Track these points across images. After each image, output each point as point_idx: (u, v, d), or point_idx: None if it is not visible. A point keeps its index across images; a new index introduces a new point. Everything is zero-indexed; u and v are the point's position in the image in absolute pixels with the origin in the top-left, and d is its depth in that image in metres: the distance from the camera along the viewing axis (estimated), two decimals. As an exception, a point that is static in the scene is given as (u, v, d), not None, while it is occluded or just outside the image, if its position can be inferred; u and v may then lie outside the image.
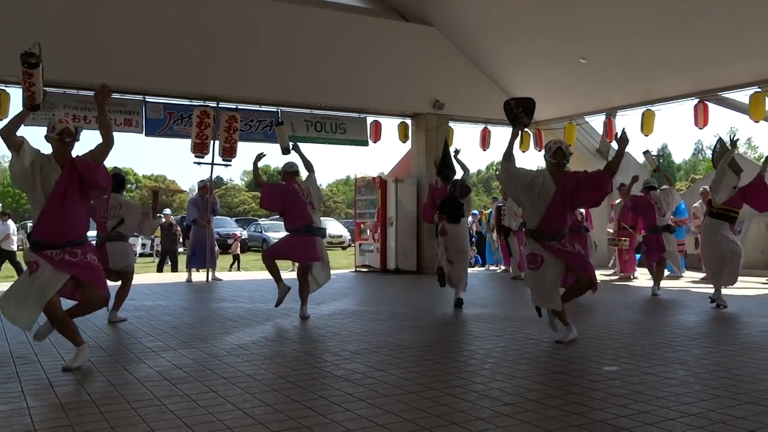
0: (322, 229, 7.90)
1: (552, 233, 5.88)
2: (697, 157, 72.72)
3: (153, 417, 3.82)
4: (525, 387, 4.53)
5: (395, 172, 15.51)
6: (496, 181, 6.45)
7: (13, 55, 5.40)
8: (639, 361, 5.28)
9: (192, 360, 5.39)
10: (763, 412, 3.86)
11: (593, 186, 5.86)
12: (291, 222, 7.70)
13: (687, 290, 10.72)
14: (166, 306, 8.83)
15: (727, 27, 10.60)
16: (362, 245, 15.35)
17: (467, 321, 7.62)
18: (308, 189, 7.77)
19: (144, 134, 12.48)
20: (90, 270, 4.99)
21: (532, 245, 5.98)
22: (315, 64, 13.14)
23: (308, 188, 7.78)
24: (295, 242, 7.68)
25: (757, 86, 11.29)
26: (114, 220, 7.35)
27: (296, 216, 7.63)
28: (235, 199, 61.55)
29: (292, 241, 7.74)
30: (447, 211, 8.49)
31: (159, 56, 11.78)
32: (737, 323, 7.43)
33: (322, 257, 7.77)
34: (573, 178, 5.91)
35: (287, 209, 7.67)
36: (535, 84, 14.77)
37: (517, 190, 6.01)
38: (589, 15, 11.77)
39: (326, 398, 4.23)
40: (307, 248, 7.63)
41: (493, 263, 16.01)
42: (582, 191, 5.85)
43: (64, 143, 4.93)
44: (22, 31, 9.89)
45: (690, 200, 14.02)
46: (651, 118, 13.03)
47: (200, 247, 12.33)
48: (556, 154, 5.88)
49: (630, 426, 3.62)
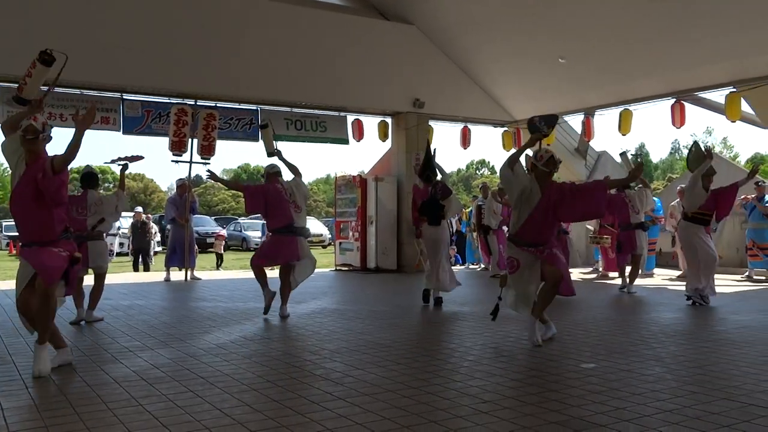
0: (305, 229, 7.96)
1: (530, 240, 5.84)
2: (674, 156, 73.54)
3: (130, 417, 3.78)
4: (503, 384, 4.56)
5: (375, 170, 15.51)
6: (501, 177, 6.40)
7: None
8: (616, 358, 5.33)
9: (170, 360, 5.35)
10: (737, 407, 3.91)
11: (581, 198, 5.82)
12: (273, 222, 7.74)
13: (663, 288, 10.84)
14: (144, 305, 8.76)
15: (704, 28, 10.74)
16: (342, 244, 15.34)
17: (446, 319, 7.65)
18: (291, 189, 7.78)
19: (121, 132, 12.36)
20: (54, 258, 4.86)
21: (512, 249, 5.99)
22: (295, 62, 13.10)
23: (291, 188, 7.79)
24: (278, 246, 7.75)
25: (733, 86, 11.45)
26: (94, 218, 7.27)
27: (279, 216, 7.67)
28: (215, 197, 61.12)
29: (275, 244, 7.80)
30: (427, 212, 8.48)
31: (137, 53, 11.65)
32: (712, 320, 7.53)
33: (305, 256, 7.79)
34: (559, 190, 5.88)
35: (270, 209, 7.70)
36: (515, 83, 14.88)
37: (516, 192, 5.92)
38: (567, 15, 11.85)
39: (305, 397, 4.22)
40: (290, 249, 7.69)
41: (473, 262, 16.08)
42: (566, 204, 5.82)
43: (26, 141, 4.85)
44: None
45: (667, 199, 14.19)
46: (628, 117, 13.16)
47: (179, 246, 12.25)
48: (549, 163, 5.82)
49: (607, 422, 3.65)
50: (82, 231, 7.19)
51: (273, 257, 7.95)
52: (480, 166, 77.47)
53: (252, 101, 13.45)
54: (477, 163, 77.59)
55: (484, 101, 15.45)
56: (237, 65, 12.60)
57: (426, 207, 8.49)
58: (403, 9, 14.15)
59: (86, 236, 7.21)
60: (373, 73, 14.02)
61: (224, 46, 12.48)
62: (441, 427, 3.61)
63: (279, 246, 7.72)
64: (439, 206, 8.43)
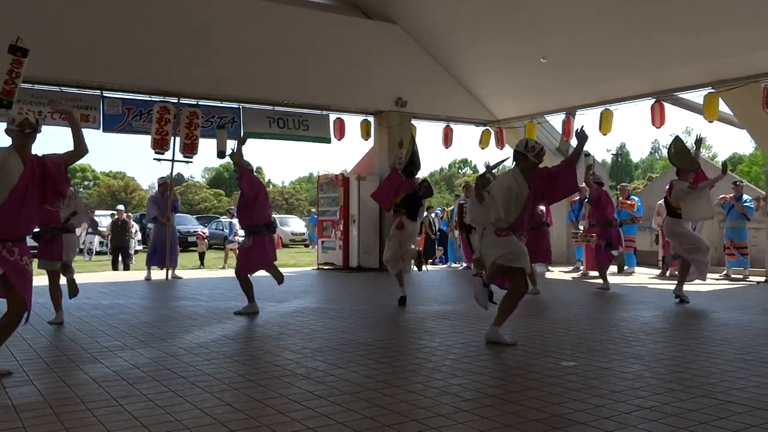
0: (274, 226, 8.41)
1: (518, 229, 5.95)
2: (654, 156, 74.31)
3: (109, 418, 3.75)
4: (485, 383, 4.58)
5: (358, 169, 15.50)
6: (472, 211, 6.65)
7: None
8: (596, 356, 5.38)
9: (150, 359, 5.31)
10: (715, 404, 3.96)
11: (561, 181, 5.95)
12: (257, 216, 7.90)
13: (643, 286, 10.94)
14: (124, 305, 8.69)
15: (682, 29, 10.85)
16: (325, 243, 15.31)
17: (428, 318, 7.66)
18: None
19: (102, 130, 12.24)
20: (21, 274, 4.73)
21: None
22: (278, 60, 13.05)
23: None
24: (261, 250, 7.91)
25: (711, 87, 11.57)
26: (67, 210, 7.20)
27: (264, 210, 7.93)
28: (197, 196, 60.81)
29: (259, 252, 7.92)
30: (407, 206, 8.53)
31: (118, 50, 11.55)
32: (691, 318, 7.61)
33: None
34: (540, 178, 5.95)
35: (257, 203, 7.89)
36: (497, 82, 14.94)
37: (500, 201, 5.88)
38: (549, 15, 11.93)
39: (287, 396, 4.21)
40: (272, 251, 8.08)
41: (455, 260, 16.12)
42: (551, 188, 5.96)
43: (24, 135, 4.78)
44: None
45: (647, 198, 14.33)
46: (609, 117, 13.27)
47: (161, 245, 12.16)
48: (540, 155, 5.90)
49: (586, 420, 3.68)
50: (57, 223, 7.12)
51: (265, 262, 8.08)
52: (462, 165, 77.75)
53: (234, 99, 13.38)
54: (459, 162, 77.88)
55: (466, 100, 15.49)
56: (219, 63, 12.52)
57: (408, 201, 8.53)
58: (386, 8, 14.15)
59: (60, 228, 7.14)
60: (356, 72, 14.01)
61: (206, 43, 12.39)
62: (422, 425, 3.62)
63: (266, 248, 7.98)
64: (419, 203, 8.52)
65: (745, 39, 10.38)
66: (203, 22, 12.40)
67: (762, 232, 12.43)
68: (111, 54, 11.48)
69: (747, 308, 8.29)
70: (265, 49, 12.93)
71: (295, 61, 13.22)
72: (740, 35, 10.36)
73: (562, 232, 15.55)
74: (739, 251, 12.04)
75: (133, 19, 11.75)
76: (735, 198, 12.03)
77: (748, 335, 6.36)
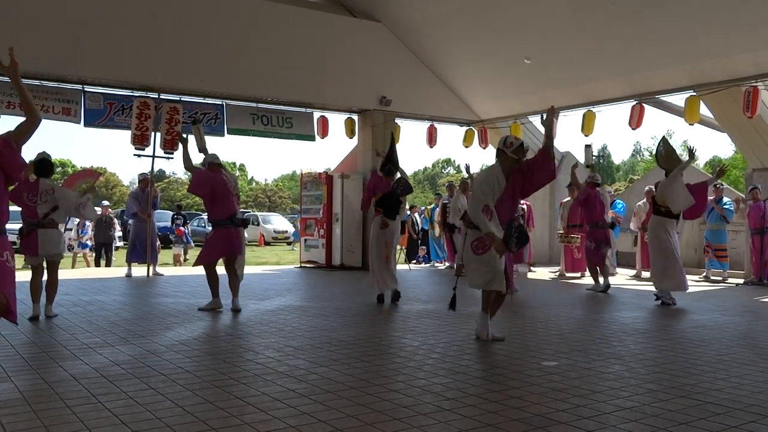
0: (245, 220, 8.37)
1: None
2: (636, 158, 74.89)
3: (89, 415, 3.71)
4: (466, 382, 4.59)
5: (341, 167, 15.47)
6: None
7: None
8: (577, 356, 5.41)
9: (130, 356, 5.27)
10: (694, 405, 4.00)
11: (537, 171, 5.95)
12: (218, 212, 7.89)
13: (623, 287, 11.02)
14: (105, 301, 8.61)
15: (664, 32, 10.94)
16: (308, 241, 15.28)
17: (411, 316, 7.67)
18: (233, 181, 8.10)
19: (83, 124, 12.11)
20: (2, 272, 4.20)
21: (476, 233, 5.92)
22: (261, 56, 12.99)
23: (234, 180, 8.13)
24: (229, 238, 7.90)
25: (692, 90, 11.68)
26: (46, 206, 7.11)
27: (224, 205, 7.85)
28: (178, 193, 60.36)
29: (226, 236, 7.91)
30: (386, 206, 8.52)
31: (99, 45, 11.42)
32: (671, 319, 7.68)
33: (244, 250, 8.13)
34: (520, 172, 5.94)
35: (217, 197, 7.83)
36: (481, 82, 14.98)
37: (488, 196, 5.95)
38: (533, 16, 11.97)
39: (268, 394, 4.19)
40: (239, 240, 7.97)
41: (438, 259, 16.15)
42: (528, 180, 5.95)
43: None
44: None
45: (629, 200, 14.43)
46: (591, 118, 13.34)
47: (141, 242, 12.07)
48: (518, 150, 5.87)
49: (567, 420, 3.70)
50: (33, 218, 7.05)
51: (227, 250, 8.00)
52: (446, 164, 77.94)
53: (217, 95, 13.30)
54: (443, 161, 78.05)
55: (450, 100, 15.51)
56: (202, 59, 12.43)
57: (386, 200, 8.52)
58: (371, 6, 14.13)
59: (36, 224, 7.06)
60: (340, 70, 13.97)
61: (189, 39, 12.30)
62: (404, 424, 3.62)
63: (230, 238, 7.91)
64: (398, 202, 8.51)
65: (726, 43, 10.49)
66: (187, 18, 12.30)
67: (741, 234, 12.56)
68: (92, 48, 11.35)
69: (726, 310, 8.38)
70: (248, 45, 12.85)
71: (279, 57, 13.16)
72: (721, 39, 10.46)
73: (545, 232, 15.64)
74: (716, 254, 12.14)
75: (115, 14, 11.61)
76: (715, 200, 12.12)
77: (727, 336, 6.44)
